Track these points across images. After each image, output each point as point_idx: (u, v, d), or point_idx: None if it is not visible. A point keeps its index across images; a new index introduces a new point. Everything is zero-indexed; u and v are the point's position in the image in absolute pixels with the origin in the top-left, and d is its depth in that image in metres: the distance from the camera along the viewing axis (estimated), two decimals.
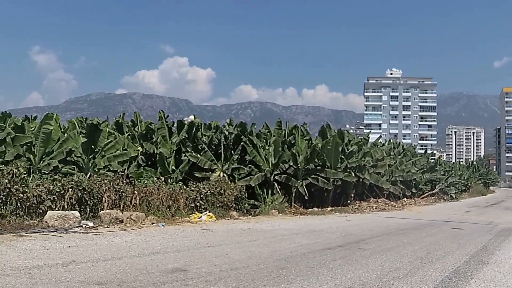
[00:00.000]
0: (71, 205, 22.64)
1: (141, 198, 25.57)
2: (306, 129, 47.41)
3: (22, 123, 30.46)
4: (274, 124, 46.79)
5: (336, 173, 41.29)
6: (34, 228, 19.57)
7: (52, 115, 29.20)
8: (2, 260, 13.41)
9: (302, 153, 40.19)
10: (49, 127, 27.93)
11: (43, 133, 27.67)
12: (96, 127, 29.67)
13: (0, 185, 20.50)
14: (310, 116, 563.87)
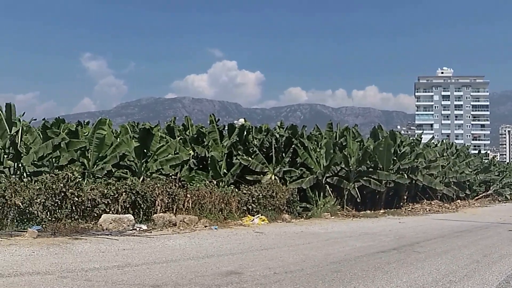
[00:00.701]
0: (125, 209, 22.88)
1: (194, 202, 25.70)
2: (357, 130, 47.11)
3: (76, 129, 30.84)
4: (324, 126, 46.61)
5: (389, 175, 40.96)
6: (89, 231, 19.83)
7: (105, 120, 29.55)
8: (59, 263, 13.60)
9: (354, 155, 39.97)
10: (102, 132, 28.27)
11: (96, 138, 28.02)
12: (148, 132, 29.92)
13: (56, 189, 20.83)
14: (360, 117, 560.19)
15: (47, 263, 13.39)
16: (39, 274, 12.10)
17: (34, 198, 20.19)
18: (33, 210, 20.10)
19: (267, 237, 21.51)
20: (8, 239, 16.98)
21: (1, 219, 19.57)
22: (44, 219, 20.20)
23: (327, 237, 22.42)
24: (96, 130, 28.30)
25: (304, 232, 24.05)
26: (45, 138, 27.23)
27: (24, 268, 12.63)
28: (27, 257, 14.23)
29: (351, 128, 45.64)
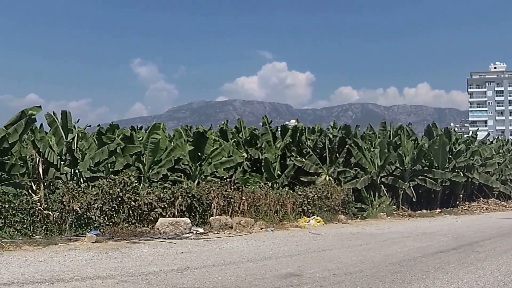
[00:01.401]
0: (181, 212, 23.01)
1: (249, 204, 25.72)
2: (411, 129, 46.67)
3: (131, 134, 31.15)
4: (376, 125, 46.30)
5: (444, 174, 40.43)
6: (147, 235, 19.98)
7: (159, 124, 29.80)
8: (119, 267, 13.69)
9: (408, 154, 39.55)
10: (157, 136, 28.51)
11: (151, 143, 28.28)
12: (202, 135, 30.06)
13: (113, 194, 21.07)
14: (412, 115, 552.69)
15: (107, 267, 13.50)
16: (100, 278, 12.19)
17: (91, 203, 20.46)
18: (91, 215, 20.38)
19: (324, 238, 21.38)
20: (67, 244, 17.19)
21: (60, 224, 19.83)
22: (102, 223, 20.46)
23: (384, 237, 22.18)
24: (151, 134, 28.57)
25: (360, 232, 23.86)
26: (100, 144, 27.59)
27: (85, 273, 12.74)
28: (87, 261, 14.37)
29: (405, 127, 45.21)
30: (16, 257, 14.60)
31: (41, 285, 11.40)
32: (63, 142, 26.70)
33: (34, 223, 19.28)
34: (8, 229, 18.47)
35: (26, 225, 19.00)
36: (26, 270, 12.86)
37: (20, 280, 11.69)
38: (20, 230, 18.76)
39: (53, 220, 19.62)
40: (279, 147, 36.96)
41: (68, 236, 18.92)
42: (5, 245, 16.02)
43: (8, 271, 12.60)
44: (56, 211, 19.75)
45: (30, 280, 11.79)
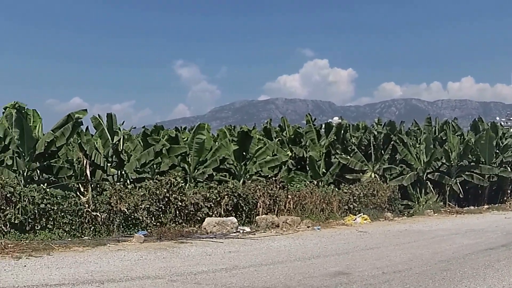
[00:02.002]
0: (227, 211, 23.05)
1: (295, 202, 25.66)
2: (456, 124, 46.07)
3: (176, 135, 31.31)
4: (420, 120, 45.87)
5: (492, 169, 39.78)
6: (194, 234, 20.06)
7: (204, 125, 29.95)
8: (168, 267, 13.79)
9: (454, 149, 39.02)
10: (202, 136, 28.64)
11: (196, 143, 28.41)
12: (247, 134, 30.08)
13: (159, 194, 21.21)
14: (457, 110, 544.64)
15: (156, 267, 13.60)
16: (149, 278, 12.30)
17: (138, 204, 20.63)
18: (138, 216, 20.55)
19: (371, 236, 21.25)
20: (116, 245, 17.35)
21: (108, 225, 20.05)
22: (149, 224, 20.62)
23: (432, 235, 21.97)
24: (196, 135, 28.70)
25: (408, 230, 23.64)
26: (145, 146, 27.81)
27: (134, 273, 12.86)
28: (136, 261, 14.49)
29: (451, 122, 44.68)
30: (66, 258, 14.79)
31: (92, 285, 11.54)
32: (109, 144, 26.98)
33: (83, 225, 19.52)
34: (57, 230, 18.73)
35: (74, 227, 19.25)
36: (76, 270, 13.01)
37: (71, 281, 11.84)
38: (68, 232, 19.01)
39: (101, 221, 19.83)
40: (324, 145, 36.81)
41: (116, 236, 19.12)
42: (54, 246, 16.22)
43: (59, 272, 12.77)
44: (104, 212, 19.95)
45: (81, 280, 11.94)
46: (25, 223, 18.47)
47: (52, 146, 23.33)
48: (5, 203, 18.41)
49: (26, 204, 18.52)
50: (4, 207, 18.32)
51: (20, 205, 18.44)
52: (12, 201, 18.53)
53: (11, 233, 18.01)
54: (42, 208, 18.71)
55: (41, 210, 18.70)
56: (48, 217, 18.87)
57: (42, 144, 22.94)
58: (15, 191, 18.70)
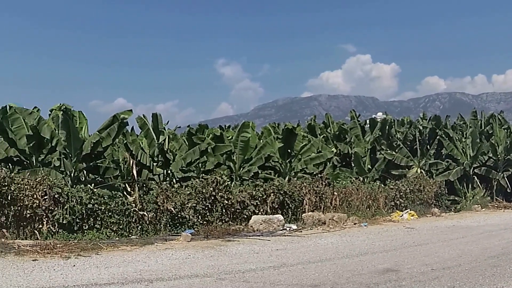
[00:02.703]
0: (273, 209, 23.03)
1: (341, 199, 25.55)
2: (503, 117, 45.33)
3: (221, 133, 31.39)
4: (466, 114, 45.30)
5: None
6: (240, 232, 20.08)
7: (248, 123, 29.91)
8: (216, 265, 13.82)
9: (501, 143, 38.37)
10: (246, 135, 28.64)
11: (241, 141, 28.43)
12: (291, 132, 29.97)
13: (206, 193, 21.29)
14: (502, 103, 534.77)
15: (204, 266, 13.64)
16: (197, 277, 12.34)
17: (185, 202, 20.74)
18: (185, 215, 20.66)
19: (419, 232, 21.03)
20: (163, 243, 17.45)
21: (155, 224, 20.19)
22: (196, 222, 20.71)
23: (480, 230, 21.67)
24: (240, 133, 28.71)
25: (456, 226, 23.35)
26: (191, 144, 27.93)
27: (183, 271, 12.92)
28: (184, 260, 14.56)
29: (497, 115, 43.98)
30: (114, 257, 14.92)
31: (141, 284, 11.61)
32: (155, 144, 27.16)
33: (130, 224, 19.70)
34: (105, 230, 18.93)
35: (122, 226, 19.44)
36: (125, 270, 13.12)
37: (120, 280, 11.94)
38: (116, 231, 19.20)
39: (148, 221, 19.98)
40: (369, 140, 36.64)
41: (163, 235, 19.26)
42: (103, 246, 16.37)
43: (108, 271, 12.88)
44: (150, 211, 20.11)
45: (130, 279, 12.02)
46: (73, 223, 18.71)
47: (99, 147, 23.57)
48: (53, 203, 18.69)
49: (74, 204, 18.77)
50: (52, 207, 18.60)
51: (68, 205, 18.70)
52: (60, 202, 18.81)
53: (59, 233, 18.28)
54: (90, 208, 18.94)
55: (88, 210, 18.94)
56: (95, 217, 19.09)
57: (88, 145, 23.20)
58: (63, 191, 18.99)
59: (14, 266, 13.30)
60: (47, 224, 18.51)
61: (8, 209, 18.29)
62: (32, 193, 18.53)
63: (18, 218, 18.49)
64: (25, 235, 18.26)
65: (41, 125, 23.53)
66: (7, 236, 17.63)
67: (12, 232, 18.22)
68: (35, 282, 11.69)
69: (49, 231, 18.34)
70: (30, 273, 12.57)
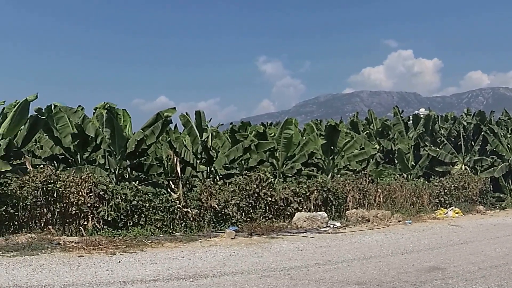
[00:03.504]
0: (316, 206, 22.96)
1: (385, 196, 25.38)
2: None
3: (264, 130, 31.41)
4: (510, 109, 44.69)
5: None
6: (284, 229, 20.06)
7: (291, 120, 29.83)
8: (260, 262, 13.81)
9: None
10: (290, 131, 28.57)
11: (284, 138, 28.38)
12: (334, 128, 29.84)
13: (249, 190, 21.32)
14: None
15: (249, 263, 13.64)
16: (242, 273, 12.35)
17: (229, 199, 20.79)
18: (228, 212, 20.70)
19: (464, 230, 20.77)
20: (207, 240, 17.49)
21: (198, 221, 20.26)
22: (239, 219, 20.76)
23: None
24: (283, 130, 28.65)
25: (502, 223, 22.99)
26: (233, 142, 28.00)
27: (227, 268, 12.94)
28: (229, 257, 14.57)
29: None
30: (159, 254, 15.00)
31: (186, 281, 11.66)
32: (198, 141, 27.26)
33: (174, 221, 19.85)
34: (149, 226, 19.08)
35: (166, 223, 19.58)
36: (170, 266, 13.18)
37: (165, 277, 12.01)
38: (160, 228, 19.34)
39: (192, 217, 20.06)
40: (412, 137, 36.37)
41: (207, 232, 19.32)
42: (147, 243, 16.48)
43: (153, 268, 12.96)
44: (194, 208, 20.18)
45: (175, 276, 12.08)
46: (117, 220, 18.95)
47: (143, 145, 23.77)
48: (98, 200, 18.90)
49: (118, 201, 18.99)
50: (97, 204, 18.84)
51: (113, 202, 18.91)
52: (105, 199, 19.02)
53: (104, 229, 18.53)
54: (134, 205, 19.14)
55: (133, 207, 19.14)
56: (140, 213, 19.28)
57: (132, 142, 23.41)
58: (108, 189, 19.21)
59: (61, 262, 13.45)
60: (92, 221, 18.74)
61: (54, 206, 18.57)
62: (78, 190, 18.78)
63: (63, 215, 18.76)
64: (70, 232, 18.53)
65: (85, 124, 23.80)
66: (53, 232, 17.87)
67: (58, 228, 18.50)
68: (81, 278, 11.81)
69: (94, 228, 18.58)
70: (76, 269, 12.70)
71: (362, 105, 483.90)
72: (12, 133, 22.18)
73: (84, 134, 23.95)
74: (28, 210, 18.36)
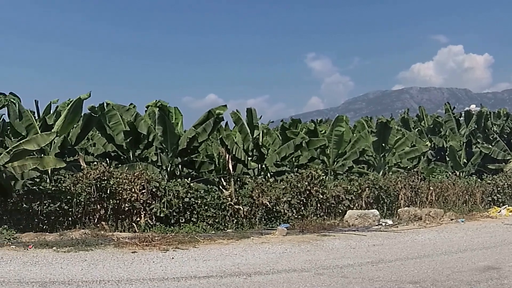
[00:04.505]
0: (368, 204, 22.82)
1: (437, 194, 25.08)
2: None
3: (315, 127, 31.35)
4: None
5: None
6: (335, 227, 19.92)
7: (342, 117, 29.76)
8: (313, 260, 13.80)
9: None
10: (341, 129, 28.49)
11: (335, 135, 28.29)
12: (386, 125, 29.65)
13: (301, 187, 21.27)
14: None
15: (301, 260, 13.64)
16: (295, 271, 12.36)
17: (280, 197, 20.75)
18: (280, 209, 20.67)
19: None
20: (259, 237, 17.50)
21: (250, 218, 20.29)
22: (290, 217, 20.68)
23: None
24: (334, 127, 28.56)
25: None
26: (284, 139, 27.97)
27: (280, 266, 12.96)
28: (281, 254, 14.58)
29: None
30: (212, 250, 15.08)
31: (239, 277, 11.72)
32: (249, 138, 27.33)
33: (225, 218, 19.89)
34: (201, 223, 19.18)
35: (217, 220, 19.65)
36: (223, 263, 13.26)
37: (218, 273, 12.08)
38: (212, 224, 19.45)
39: (243, 214, 20.10)
40: (464, 134, 35.89)
41: (259, 229, 19.32)
42: (199, 239, 16.56)
43: (206, 264, 13.05)
44: (246, 205, 20.21)
45: (228, 273, 12.15)
46: (169, 217, 19.12)
47: (195, 142, 23.93)
48: (150, 197, 19.10)
49: (171, 198, 19.15)
50: (150, 201, 19.04)
51: (165, 199, 19.11)
52: (158, 196, 19.23)
53: (156, 226, 18.67)
54: (186, 202, 19.31)
55: (185, 203, 19.31)
56: (192, 210, 19.43)
57: (184, 140, 23.61)
58: (161, 185, 19.39)
59: (114, 258, 13.64)
60: (144, 217, 18.98)
61: (107, 203, 18.89)
62: (131, 187, 19.02)
63: (116, 211, 19.08)
64: (123, 228, 18.83)
65: (138, 121, 24.08)
66: (106, 228, 18.15)
67: (111, 224, 18.82)
68: (135, 274, 11.95)
69: (147, 224, 18.79)
70: (130, 265, 12.87)
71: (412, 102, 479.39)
72: (66, 131, 22.56)
73: (136, 132, 24.25)
74: (82, 206, 18.71)
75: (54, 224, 18.34)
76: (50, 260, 13.30)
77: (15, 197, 18.33)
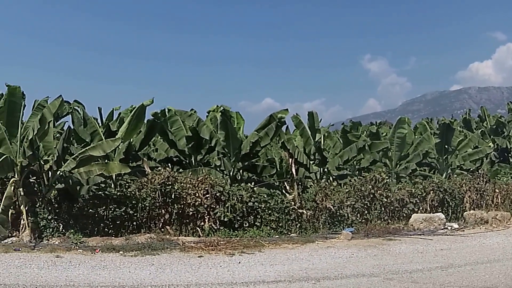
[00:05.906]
0: (433, 207, 22.48)
1: (503, 197, 24.57)
2: None
3: (377, 130, 31.13)
4: None
5: None
6: (401, 231, 19.70)
7: (404, 119, 29.46)
8: (380, 264, 13.74)
9: None
10: (403, 131, 28.19)
11: (397, 138, 28.00)
12: (448, 127, 29.23)
13: (364, 191, 21.10)
14: None
15: (369, 265, 13.56)
16: (364, 276, 12.31)
17: (343, 200, 20.62)
18: (343, 213, 20.52)
19: None
20: (324, 242, 17.44)
21: (313, 222, 20.21)
22: (354, 221, 20.52)
23: None
24: (396, 129, 28.27)
25: None
26: (345, 142, 27.81)
27: (348, 270, 12.91)
28: (348, 259, 14.52)
29: None
30: (277, 255, 15.11)
31: (308, 282, 11.71)
32: (311, 142, 27.19)
33: (289, 222, 19.83)
34: (265, 227, 19.18)
35: (281, 224, 19.62)
36: (290, 267, 13.28)
37: (286, 278, 12.11)
38: (275, 229, 19.43)
39: (307, 218, 20.03)
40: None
41: (323, 233, 19.23)
42: (264, 243, 16.60)
43: (273, 269, 13.08)
44: (309, 209, 20.15)
45: (296, 277, 12.16)
46: (233, 221, 19.17)
47: (257, 146, 23.94)
48: (214, 201, 19.19)
49: (234, 202, 19.21)
50: (214, 205, 19.13)
51: (229, 203, 19.17)
52: (221, 200, 19.32)
53: (220, 230, 18.76)
54: (250, 206, 19.35)
55: (249, 208, 19.34)
56: (255, 214, 19.46)
57: (247, 144, 23.64)
58: (224, 190, 19.46)
59: (181, 262, 13.78)
60: (208, 222, 19.09)
61: (172, 207, 19.07)
62: (195, 191, 19.18)
63: (180, 216, 19.25)
64: (187, 232, 18.97)
65: (200, 126, 24.19)
66: (171, 232, 18.36)
67: (175, 229, 18.97)
68: (204, 278, 12.04)
69: (211, 228, 18.93)
70: (198, 269, 12.98)
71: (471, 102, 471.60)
72: (129, 137, 22.82)
73: (198, 137, 24.38)
74: (147, 211, 18.95)
75: (119, 228, 18.61)
76: (118, 264, 13.52)
77: (81, 202, 18.63)
